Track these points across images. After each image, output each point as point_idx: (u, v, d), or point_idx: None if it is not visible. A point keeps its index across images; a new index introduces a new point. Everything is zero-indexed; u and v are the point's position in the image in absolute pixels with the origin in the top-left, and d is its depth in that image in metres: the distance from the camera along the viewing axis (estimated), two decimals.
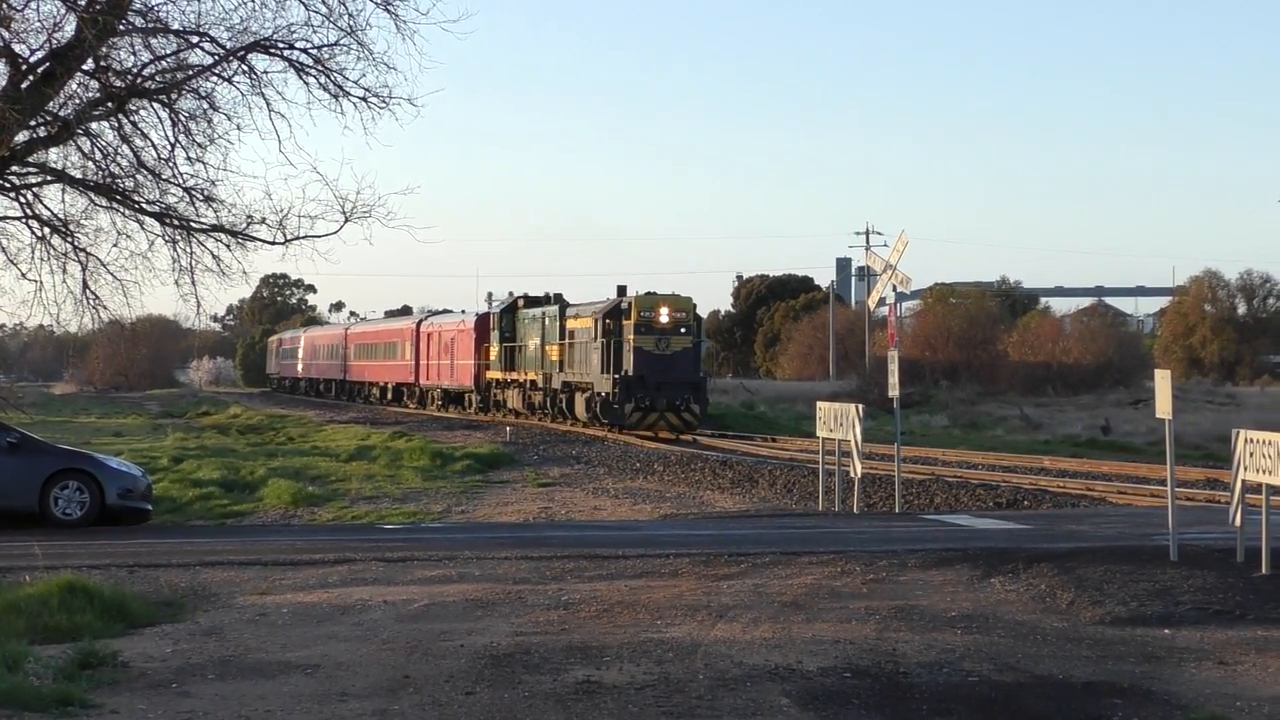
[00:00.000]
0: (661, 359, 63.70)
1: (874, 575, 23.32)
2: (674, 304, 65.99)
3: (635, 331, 64.72)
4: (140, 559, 25.30)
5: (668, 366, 64.25)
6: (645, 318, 64.88)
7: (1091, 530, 28.49)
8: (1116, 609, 20.92)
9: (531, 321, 79.49)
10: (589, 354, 69.46)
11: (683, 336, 65.92)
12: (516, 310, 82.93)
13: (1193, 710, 15.66)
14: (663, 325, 64.73)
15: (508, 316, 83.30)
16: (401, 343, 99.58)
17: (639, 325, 64.76)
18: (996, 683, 16.81)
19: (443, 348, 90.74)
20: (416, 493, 47.38)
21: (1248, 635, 19.52)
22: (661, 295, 66.96)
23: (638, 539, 28.66)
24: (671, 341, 64.87)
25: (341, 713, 15.20)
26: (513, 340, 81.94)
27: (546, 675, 16.79)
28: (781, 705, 15.66)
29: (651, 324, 64.81)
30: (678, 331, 65.52)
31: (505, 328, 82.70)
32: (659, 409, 64.16)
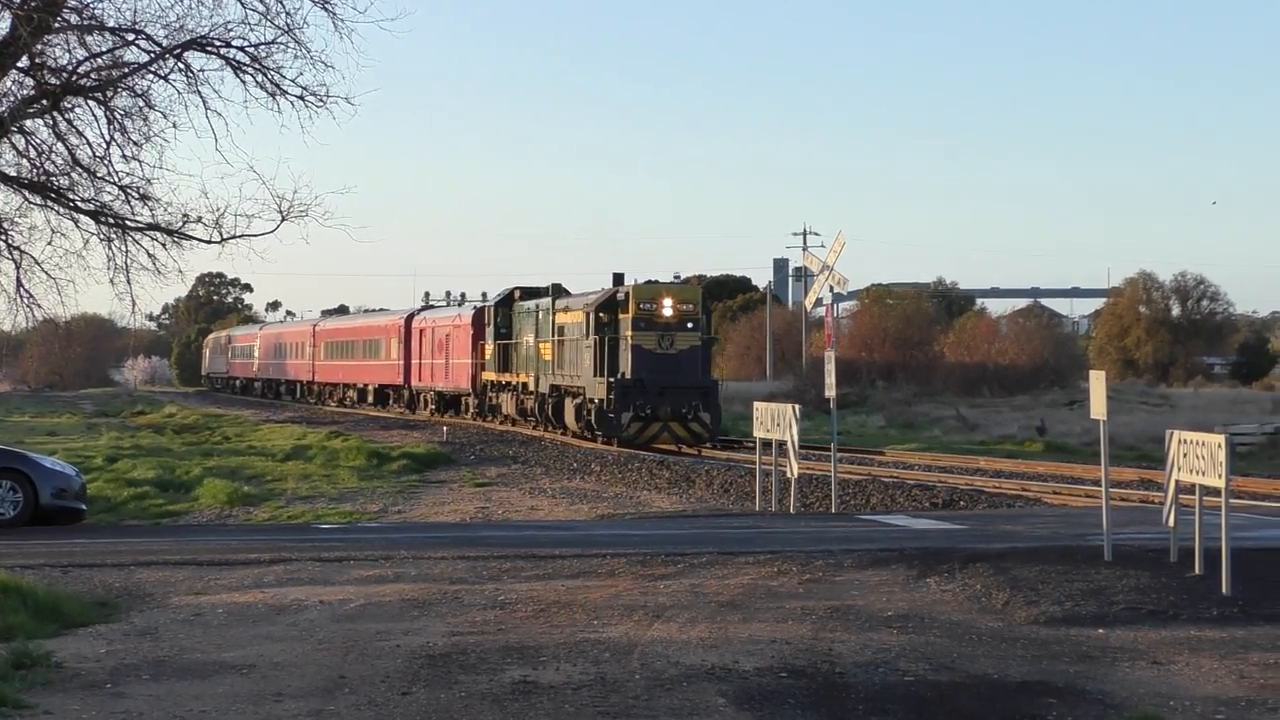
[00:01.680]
0: (665, 359, 53.94)
1: (810, 575, 23.38)
2: (679, 294, 56.28)
3: (633, 327, 55.11)
4: (74, 559, 25.21)
5: (672, 368, 54.39)
6: (645, 310, 55.11)
7: (1027, 530, 28.60)
8: (1051, 609, 21.01)
9: (527, 316, 70.26)
10: (580, 353, 59.91)
11: (689, 333, 56.07)
12: (513, 303, 72.93)
13: (1127, 709, 15.75)
14: (666, 319, 54.79)
15: (503, 310, 73.47)
16: (386, 340, 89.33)
17: (638, 319, 55.09)
18: (932, 682, 16.86)
19: (436, 345, 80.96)
20: (353, 492, 47.39)
21: (1181, 635, 19.63)
22: (664, 284, 57.09)
23: (575, 539, 28.67)
24: (676, 338, 55.09)
25: (277, 713, 15.17)
26: (509, 337, 72.33)
27: (483, 675, 16.79)
28: (718, 705, 15.68)
29: (653, 318, 55.09)
30: (683, 327, 55.71)
31: (501, 323, 73.05)
32: (662, 418, 54.46)
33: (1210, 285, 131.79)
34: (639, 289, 56.45)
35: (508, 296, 73.75)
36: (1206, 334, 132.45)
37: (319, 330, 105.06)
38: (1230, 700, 16.21)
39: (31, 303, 32.58)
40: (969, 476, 44.04)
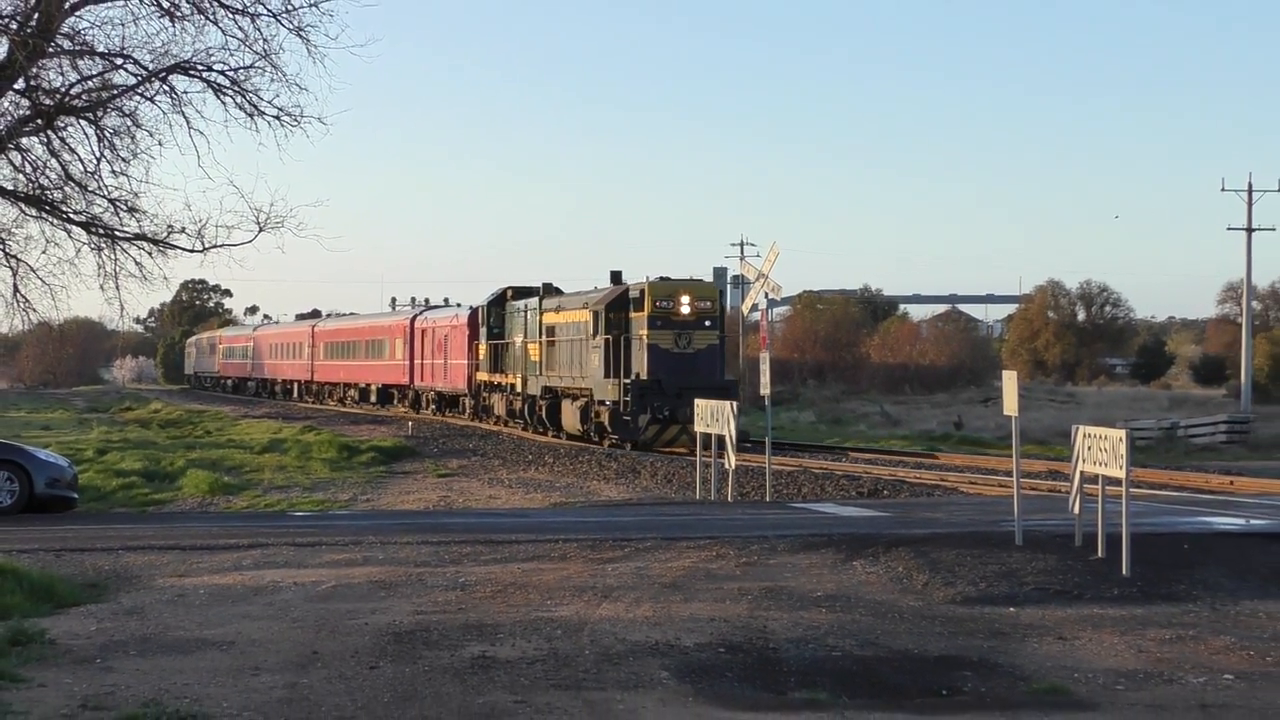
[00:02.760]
0: (683, 359, 47.47)
1: (746, 559, 23.40)
2: (696, 291, 49.59)
3: (649, 325, 48.61)
4: (67, 544, 25.10)
5: (690, 368, 47.85)
6: (662, 309, 48.65)
7: (945, 517, 28.67)
8: (967, 589, 21.09)
9: (516, 316, 64.47)
10: (583, 353, 53.60)
11: (707, 331, 49.65)
12: (505, 303, 66.89)
13: (1035, 681, 15.82)
14: (683, 317, 48.29)
15: (495, 310, 67.59)
16: (391, 340, 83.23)
17: (654, 318, 48.59)
18: (858, 657, 16.91)
19: (436, 346, 75.51)
20: (325, 482, 47.30)
21: (1085, 613, 19.73)
22: (681, 281, 50.04)
23: (529, 525, 28.65)
24: (694, 337, 48.74)
25: (254, 686, 15.13)
26: (501, 337, 66.71)
27: (445, 651, 16.78)
28: (661, 678, 15.70)
29: (670, 316, 48.61)
30: (701, 325, 49.22)
31: (493, 323, 67.38)
32: (680, 421, 46.92)
33: (1113, 293, 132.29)
34: (655, 286, 49.78)
35: (500, 296, 68.01)
36: (1109, 337, 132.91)
37: (318, 331, 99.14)
38: (1129, 673, 16.29)
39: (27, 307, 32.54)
40: (892, 468, 44.07)
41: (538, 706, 14.38)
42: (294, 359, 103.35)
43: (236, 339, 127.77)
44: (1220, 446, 62.76)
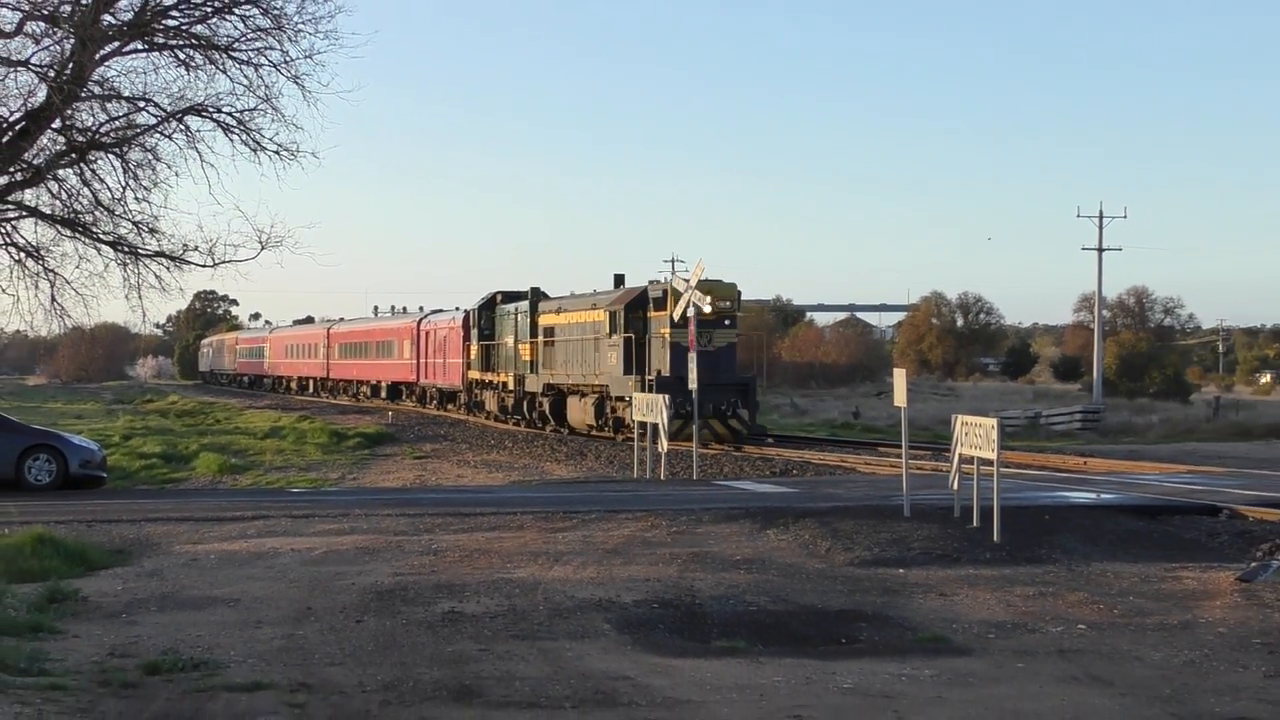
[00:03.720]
0: (704, 356, 40.83)
1: (676, 528, 23.41)
2: (718, 291, 43.31)
3: (672, 324, 43.06)
4: (97, 516, 24.97)
5: (711, 365, 42.24)
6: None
7: (845, 493, 28.74)
8: (863, 554, 21.15)
9: (506, 318, 60.53)
10: (597, 352, 48.34)
11: (726, 330, 44.98)
12: (495, 307, 62.97)
13: (920, 631, 15.89)
14: (705, 316, 41.60)
15: (486, 313, 63.70)
16: (400, 341, 79.22)
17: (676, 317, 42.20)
18: (771, 611, 16.95)
19: (436, 346, 71.77)
20: (317, 464, 47.27)
21: (962, 573, 19.83)
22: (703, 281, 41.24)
23: (491, 500, 28.62)
24: (715, 336, 43.64)
25: (257, 637, 15.11)
26: (491, 338, 62.75)
27: (419, 607, 16.77)
28: (604, 629, 15.72)
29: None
30: (721, 324, 44.25)
31: (484, 325, 63.45)
32: (703, 415, 41.73)
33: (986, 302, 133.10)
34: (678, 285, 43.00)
35: (490, 300, 64.02)
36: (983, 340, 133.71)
37: (333, 333, 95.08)
38: (999, 623, 16.38)
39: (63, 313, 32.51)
40: (800, 451, 44.02)
41: (499, 654, 14.38)
42: (310, 358, 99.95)
43: (253, 340, 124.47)
44: (1076, 432, 63.07)
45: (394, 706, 12.20)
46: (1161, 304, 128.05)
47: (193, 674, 13.27)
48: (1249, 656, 14.72)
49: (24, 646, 14.06)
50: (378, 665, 13.81)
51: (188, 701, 12.28)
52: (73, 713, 11.74)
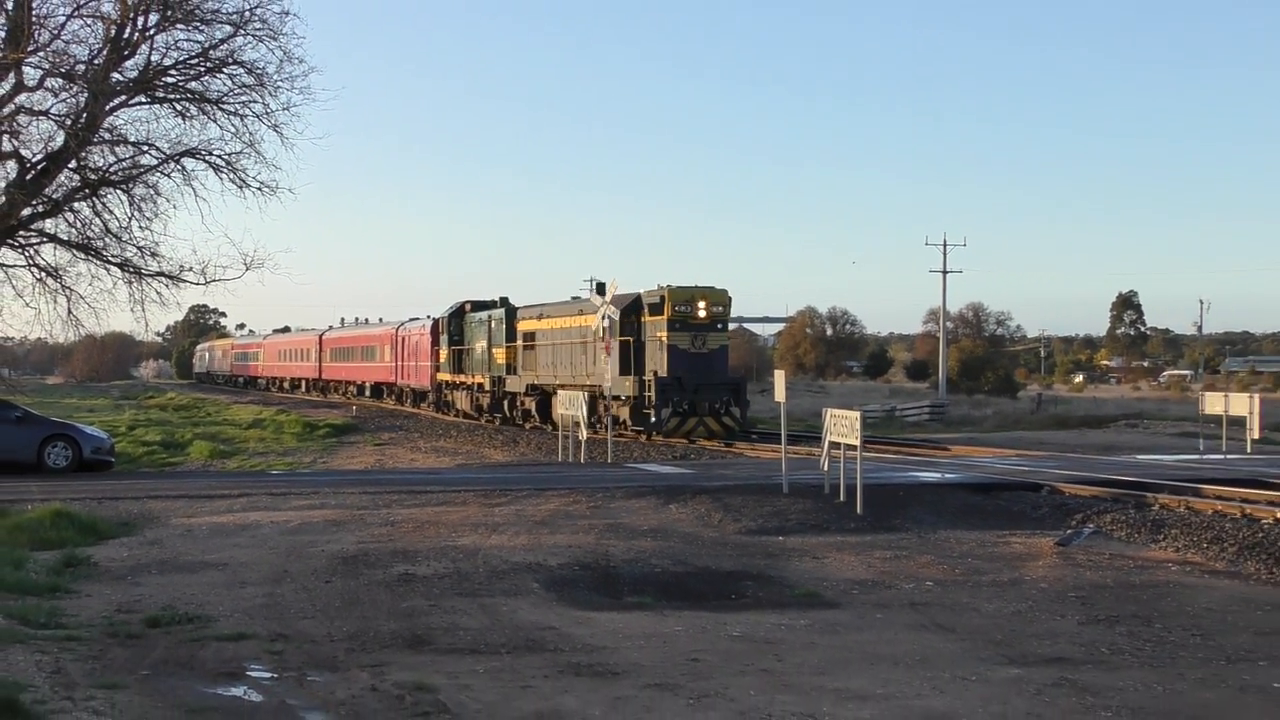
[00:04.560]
0: (699, 358, 39.48)
1: (594, 503, 23.42)
2: (711, 297, 40.93)
3: (669, 328, 40.14)
4: (106, 494, 24.72)
5: (705, 366, 40.04)
6: (680, 312, 40.33)
7: (734, 474, 28.83)
8: (749, 524, 21.24)
9: (478, 325, 56.49)
10: (587, 354, 44.26)
11: (719, 333, 41.47)
12: (464, 315, 59.42)
13: (797, 588, 15.98)
14: (700, 320, 40.17)
15: (455, 321, 60.01)
16: (381, 346, 75.69)
17: (673, 321, 40.15)
18: (673, 572, 17.00)
19: (410, 351, 68.60)
20: (293, 450, 47.00)
21: (830, 540, 19.96)
22: (698, 288, 41.24)
23: (439, 480, 28.50)
24: (708, 338, 40.50)
25: (242, 595, 15.03)
26: (460, 344, 59.09)
27: (379, 569, 16.71)
28: (533, 587, 15.73)
29: (688, 319, 40.29)
30: (714, 328, 40.96)
31: (453, 332, 59.81)
32: (699, 414, 39.84)
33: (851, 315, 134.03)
34: (675, 291, 40.76)
35: (459, 309, 60.20)
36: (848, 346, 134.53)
37: (325, 339, 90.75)
38: (862, 581, 16.50)
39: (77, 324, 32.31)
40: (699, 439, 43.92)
41: (445, 608, 14.36)
42: (304, 361, 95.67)
43: (248, 345, 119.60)
44: (925, 423, 63.56)
45: (357, 653, 12.17)
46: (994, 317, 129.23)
47: (187, 626, 13.23)
48: (1065, 607, 14.91)
49: (44, 605, 14.03)
50: (344, 619, 13.76)
51: (183, 650, 12.23)
52: (85, 660, 11.67)
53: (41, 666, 11.25)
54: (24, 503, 22.30)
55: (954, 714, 10.20)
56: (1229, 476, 27.45)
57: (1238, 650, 12.71)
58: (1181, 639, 13.22)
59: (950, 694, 10.87)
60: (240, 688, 10.90)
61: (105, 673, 11.20)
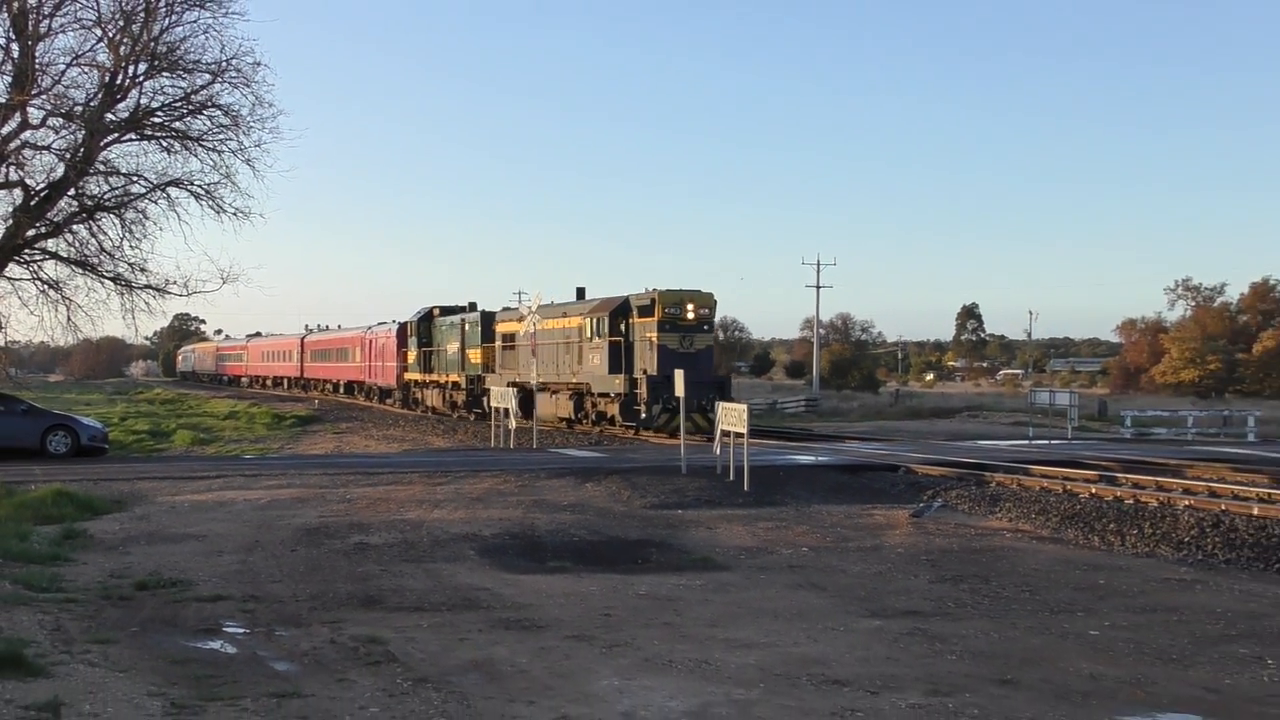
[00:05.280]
0: (686, 357, 35.81)
1: (522, 482, 23.37)
2: (698, 300, 37.48)
3: (659, 329, 36.76)
4: (101, 476, 24.34)
5: (692, 365, 35.06)
6: (670, 314, 36.88)
7: (641, 458, 28.88)
8: (653, 499, 21.29)
9: (449, 328, 52.59)
10: (572, 354, 40.71)
11: (705, 334, 37.73)
12: (433, 319, 55.70)
13: (693, 554, 16.04)
14: (688, 322, 36.95)
15: (424, 324, 56.38)
16: (353, 348, 72.20)
17: (663, 322, 36.70)
18: (589, 540, 17.01)
19: (378, 352, 65.36)
20: (264, 438, 46.44)
21: (721, 513, 20.05)
22: (686, 291, 37.80)
23: (389, 463, 28.31)
24: (695, 339, 37.05)
25: (219, 562, 14.87)
26: (430, 345, 55.52)
27: (337, 540, 16.59)
28: (470, 554, 15.69)
29: (677, 320, 36.90)
30: (700, 329, 37.43)
31: (422, 334, 56.24)
32: (687, 410, 31.68)
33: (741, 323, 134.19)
34: (666, 295, 37.14)
35: (428, 314, 56.50)
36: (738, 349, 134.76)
37: (306, 342, 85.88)
38: (748, 548, 16.59)
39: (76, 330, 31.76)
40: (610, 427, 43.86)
41: (394, 572, 14.29)
42: (287, 362, 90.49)
43: (234, 347, 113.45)
44: (801, 415, 63.98)
45: (319, 611, 12.08)
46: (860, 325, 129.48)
47: (171, 589, 13.08)
48: (918, 568, 15.08)
49: (46, 571, 13.86)
50: (307, 582, 13.65)
51: (167, 609, 12.09)
52: (82, 619, 11.52)
53: (43, 625, 11.12)
54: (29, 483, 21.94)
55: (825, 659, 10.28)
56: (1053, 458, 27.92)
57: (1059, 603, 12.93)
58: (1014, 594, 13.43)
59: (822, 642, 10.96)
60: (217, 641, 10.79)
61: (99, 630, 11.05)
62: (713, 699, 8.95)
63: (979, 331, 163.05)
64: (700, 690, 9.20)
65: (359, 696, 8.89)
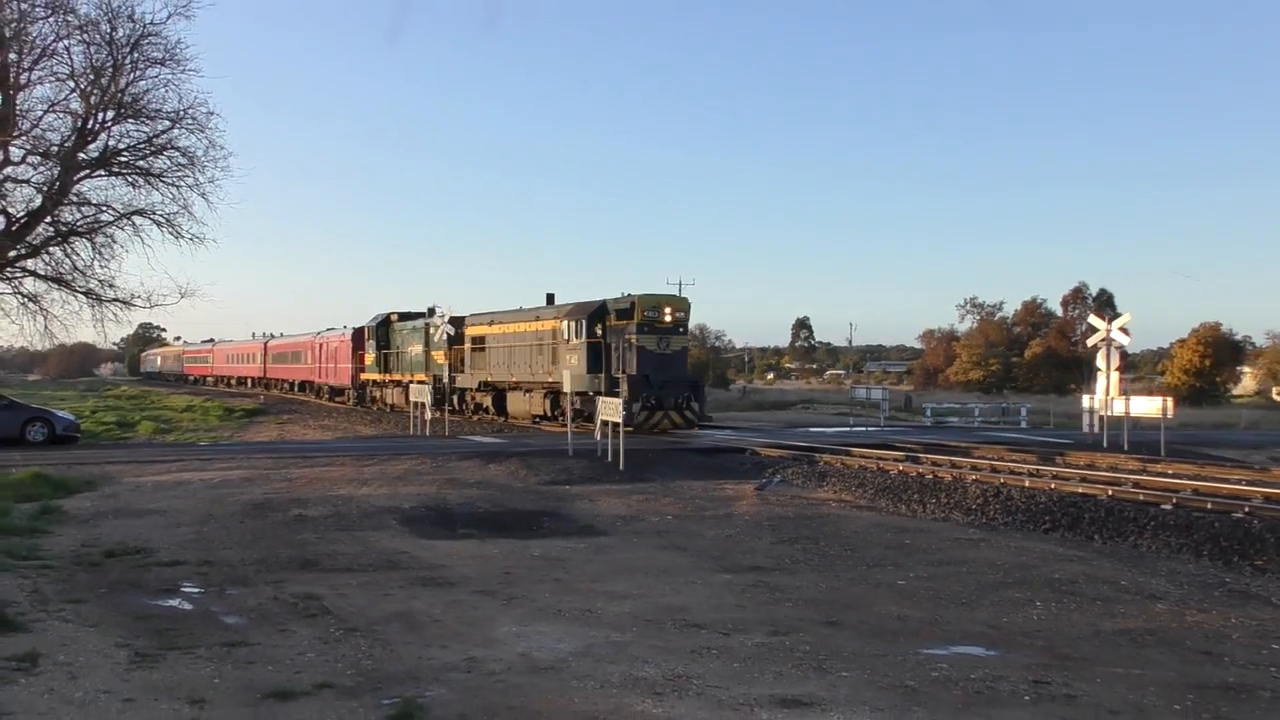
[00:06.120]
0: (663, 358, 32.14)
1: (436, 464, 23.12)
2: (674, 304, 33.07)
3: (639, 331, 32.14)
4: (74, 461, 23.54)
5: (668, 366, 32.43)
6: (649, 317, 32.38)
7: (536, 443, 28.74)
8: (546, 477, 21.21)
9: (412, 331, 47.30)
10: (543, 355, 36.43)
11: (681, 336, 33.12)
12: (391, 324, 50.65)
13: (579, 521, 16.02)
14: (666, 324, 32.52)
15: (382, 329, 51.13)
16: (305, 351, 67.44)
17: (642, 325, 32.17)
18: (492, 512, 16.88)
19: (329, 355, 60.81)
20: (216, 427, 45.30)
21: (601, 488, 20.04)
22: (664, 295, 33.53)
23: (324, 448, 27.81)
24: (671, 341, 32.54)
25: (177, 533, 14.48)
26: (388, 348, 50.27)
27: (279, 513, 16.24)
28: (392, 524, 15.48)
29: (655, 323, 32.42)
30: (676, 331, 32.81)
31: (380, 338, 51.01)
32: (664, 408, 32.11)
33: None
34: (645, 299, 32.59)
35: (386, 319, 51.13)
36: None
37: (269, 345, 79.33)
38: (624, 516, 16.61)
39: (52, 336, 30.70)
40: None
41: (328, 539, 14.05)
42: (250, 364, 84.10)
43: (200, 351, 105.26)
44: None
45: (263, 573, 11.82)
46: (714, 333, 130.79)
47: (135, 556, 12.71)
48: (761, 532, 15.25)
49: (25, 542, 13.43)
50: (253, 548, 13.35)
51: (132, 573, 11.74)
52: (57, 583, 11.14)
53: (23, 588, 10.73)
54: (10, 467, 21.16)
55: (686, 607, 10.34)
56: (869, 442, 28.41)
57: (874, 559, 13.17)
58: (838, 552, 13.64)
59: (684, 593, 11.02)
60: (176, 600, 10.51)
61: (72, 592, 10.69)
62: (594, 641, 8.95)
63: (810, 339, 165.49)
64: (584, 634, 9.19)
65: (298, 644, 8.72)
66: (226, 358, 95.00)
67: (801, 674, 7.99)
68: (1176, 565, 13.04)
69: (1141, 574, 12.28)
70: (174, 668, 8.00)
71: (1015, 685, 7.72)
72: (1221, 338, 76.46)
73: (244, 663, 8.15)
